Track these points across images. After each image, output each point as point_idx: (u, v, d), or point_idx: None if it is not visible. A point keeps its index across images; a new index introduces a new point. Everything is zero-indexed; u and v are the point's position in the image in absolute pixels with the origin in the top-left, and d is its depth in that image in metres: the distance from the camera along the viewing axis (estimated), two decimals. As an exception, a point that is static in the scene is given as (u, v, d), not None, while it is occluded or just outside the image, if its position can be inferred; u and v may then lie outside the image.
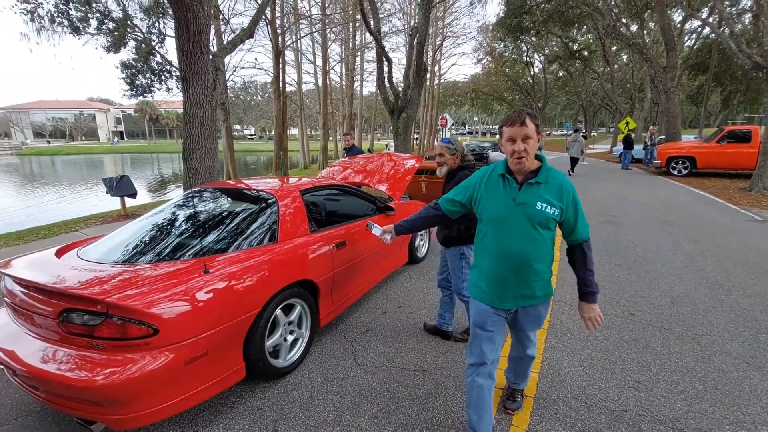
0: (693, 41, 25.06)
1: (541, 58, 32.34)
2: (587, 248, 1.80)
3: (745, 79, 22.91)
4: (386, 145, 29.03)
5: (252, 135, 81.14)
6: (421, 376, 2.60)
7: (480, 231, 1.86)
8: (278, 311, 2.50)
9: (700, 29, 23.79)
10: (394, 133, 11.99)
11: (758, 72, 9.76)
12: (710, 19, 18.08)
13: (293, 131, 50.56)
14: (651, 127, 15.43)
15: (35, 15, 9.25)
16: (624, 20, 20.12)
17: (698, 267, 4.56)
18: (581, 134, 14.70)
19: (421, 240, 4.90)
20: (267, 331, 2.40)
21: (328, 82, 24.21)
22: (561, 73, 33.95)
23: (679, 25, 20.30)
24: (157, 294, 1.90)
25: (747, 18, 19.05)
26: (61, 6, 9.46)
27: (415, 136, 34.90)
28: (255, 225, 2.70)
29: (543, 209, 1.66)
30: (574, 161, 13.94)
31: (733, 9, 19.95)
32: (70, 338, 1.89)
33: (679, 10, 19.66)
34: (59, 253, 2.54)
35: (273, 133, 19.00)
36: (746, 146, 11.66)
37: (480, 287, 1.86)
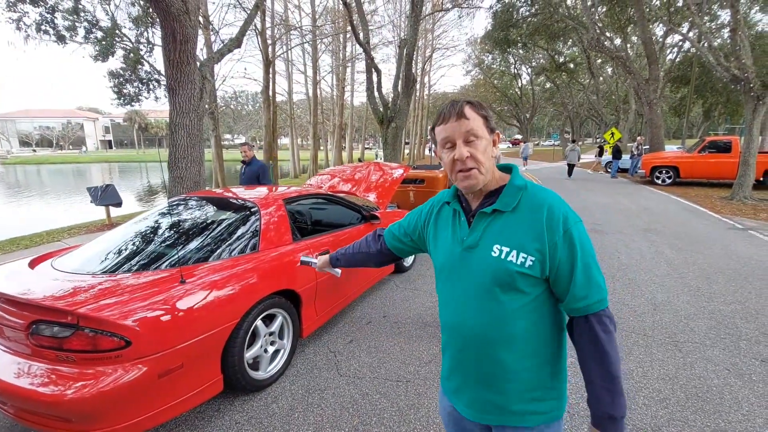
0: (674, 55, 25.83)
1: (529, 70, 33.01)
2: (601, 328, 0.96)
3: (725, 91, 23.65)
4: (376, 154, 29.21)
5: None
6: (404, 386, 2.57)
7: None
8: (258, 322, 2.46)
9: (681, 43, 24.56)
10: (384, 142, 12.06)
11: (737, 84, 10.06)
12: (690, 34, 18.67)
13: (284, 140, 50.57)
14: (638, 137, 15.78)
15: (21, 23, 9.17)
16: (608, 34, 20.70)
17: (680, 274, 4.62)
18: (578, 144, 18.00)
19: (408, 249, 4.89)
20: (246, 342, 2.35)
21: (318, 92, 24.37)
22: (548, 85, 34.65)
23: (660, 39, 20.93)
24: (130, 305, 1.86)
25: (725, 32, 19.72)
26: (46, 15, 9.38)
27: (406, 150, 35.15)
28: (236, 234, 2.67)
29: (502, 257, 0.98)
30: (571, 167, 15.82)
31: (712, 24, 20.66)
32: (40, 351, 1.83)
33: (661, 25, 20.28)
34: (33, 264, 2.48)
35: (263, 142, 18.97)
36: (727, 156, 11.97)
37: (442, 372, 1.21)
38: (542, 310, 1.01)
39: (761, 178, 11.63)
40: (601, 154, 19.44)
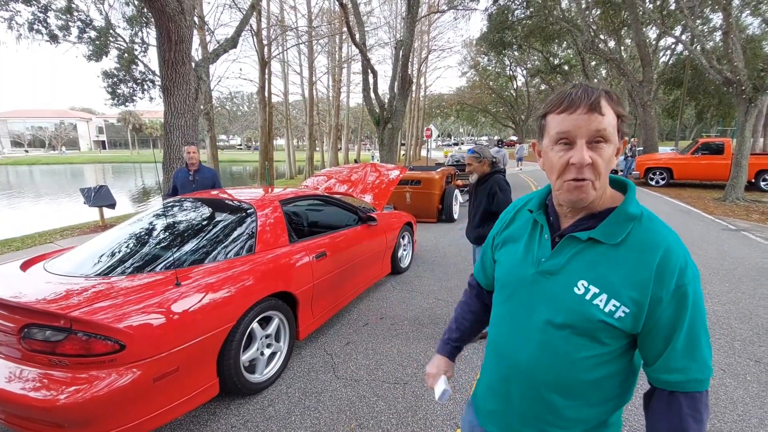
0: (668, 57, 26.08)
1: (524, 71, 33.18)
2: (691, 415, 0.76)
3: (717, 93, 23.91)
4: (372, 156, 29.24)
5: (240, 146, 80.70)
6: (401, 388, 2.56)
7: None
8: (255, 324, 2.44)
9: (674, 46, 24.81)
10: (380, 143, 12.07)
11: (729, 87, 10.16)
12: (683, 37, 18.87)
13: (280, 141, 50.46)
14: (632, 139, 15.89)
15: (13, 22, 9.07)
16: (602, 36, 20.87)
17: (675, 275, 4.65)
18: None
19: (405, 250, 4.89)
20: (242, 345, 2.33)
21: (314, 93, 24.33)
22: (543, 87, 34.84)
23: (654, 42, 21.12)
24: (124, 308, 1.83)
25: (717, 36, 19.94)
26: (38, 14, 9.29)
27: (402, 151, 35.18)
28: (232, 236, 2.64)
29: (587, 297, 0.79)
30: None
31: (705, 27, 20.89)
32: (32, 355, 1.80)
33: (654, 28, 20.47)
34: (24, 266, 2.44)
35: (259, 143, 18.91)
36: (720, 158, 12.08)
37: (477, 386, 1.07)
38: (619, 363, 0.83)
39: (753, 180, 11.76)
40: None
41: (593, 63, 27.65)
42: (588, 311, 0.78)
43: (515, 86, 35.61)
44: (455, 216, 8.12)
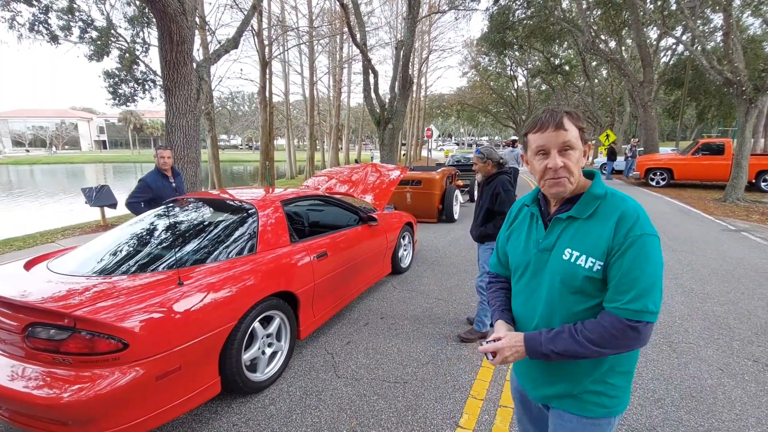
0: (668, 58, 26.04)
1: (525, 72, 33.14)
2: (606, 326, 0.97)
3: (718, 94, 23.89)
4: (371, 156, 29.26)
5: (241, 146, 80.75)
6: (402, 388, 2.57)
7: None
8: (256, 324, 2.46)
9: (674, 46, 24.78)
10: (381, 143, 12.08)
11: (729, 87, 10.17)
12: (684, 37, 18.87)
13: (281, 141, 50.49)
14: (633, 139, 15.87)
15: (14, 22, 9.09)
16: (603, 37, 20.87)
17: (675, 275, 4.67)
18: None
19: (405, 250, 4.91)
20: (244, 344, 2.35)
21: (315, 93, 24.34)
22: (544, 87, 34.82)
23: (654, 42, 21.10)
24: (127, 307, 1.85)
25: (718, 36, 19.92)
26: (39, 15, 9.31)
27: (403, 151, 35.21)
28: (234, 236, 2.66)
29: (572, 260, 1.03)
30: None
31: (705, 28, 20.87)
32: (36, 354, 1.82)
33: (655, 28, 20.46)
34: (28, 266, 2.46)
35: (260, 143, 18.94)
36: (720, 158, 12.09)
37: None
38: None
39: (754, 180, 11.76)
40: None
41: (594, 63, 27.66)
42: (574, 270, 1.03)
43: (516, 86, 35.58)
44: (455, 216, 8.13)
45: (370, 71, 11.73)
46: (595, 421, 1.09)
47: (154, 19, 5.77)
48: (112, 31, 11.04)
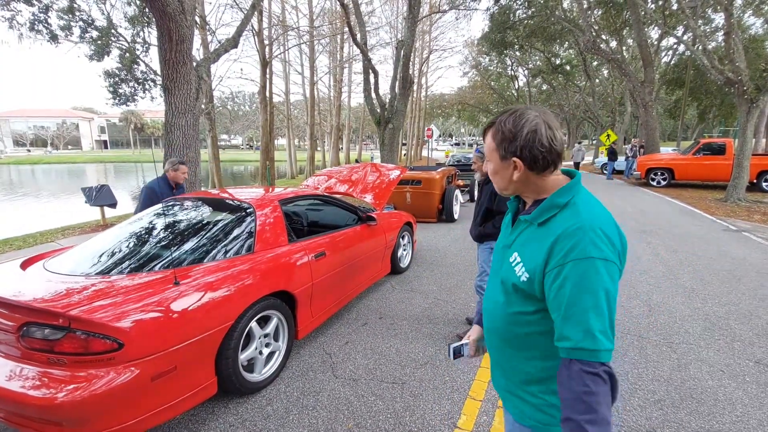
0: (670, 57, 25.99)
1: (525, 72, 33.11)
2: (577, 379, 0.82)
3: (719, 94, 23.83)
4: (371, 156, 29.27)
5: (242, 146, 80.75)
6: (399, 388, 2.56)
7: None
8: (253, 323, 2.44)
9: (676, 46, 24.73)
10: (381, 143, 12.07)
11: (731, 87, 10.14)
12: (685, 37, 18.83)
13: (281, 141, 50.50)
14: (633, 139, 15.83)
15: (14, 22, 9.08)
16: (603, 37, 20.83)
17: (676, 276, 4.65)
18: (582, 145, 20.77)
19: (404, 250, 4.89)
20: (241, 344, 2.34)
21: (315, 92, 24.34)
22: (544, 87, 34.78)
23: (656, 42, 21.05)
24: (123, 307, 1.84)
25: (719, 36, 19.87)
26: (39, 14, 9.30)
27: (403, 151, 35.18)
28: (231, 235, 2.65)
29: (512, 264, 1.01)
30: (576, 165, 17.82)
31: (706, 27, 20.82)
32: (31, 354, 1.81)
33: (656, 28, 20.42)
34: (24, 265, 2.45)
35: (260, 143, 18.93)
36: (721, 158, 12.06)
37: None
38: (543, 324, 0.95)
39: (755, 180, 11.73)
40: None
41: (595, 63, 27.62)
42: (511, 275, 1.00)
43: (517, 86, 35.55)
44: (455, 216, 8.11)
45: (370, 71, 11.71)
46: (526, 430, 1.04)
47: (153, 19, 5.76)
48: (113, 31, 11.03)
